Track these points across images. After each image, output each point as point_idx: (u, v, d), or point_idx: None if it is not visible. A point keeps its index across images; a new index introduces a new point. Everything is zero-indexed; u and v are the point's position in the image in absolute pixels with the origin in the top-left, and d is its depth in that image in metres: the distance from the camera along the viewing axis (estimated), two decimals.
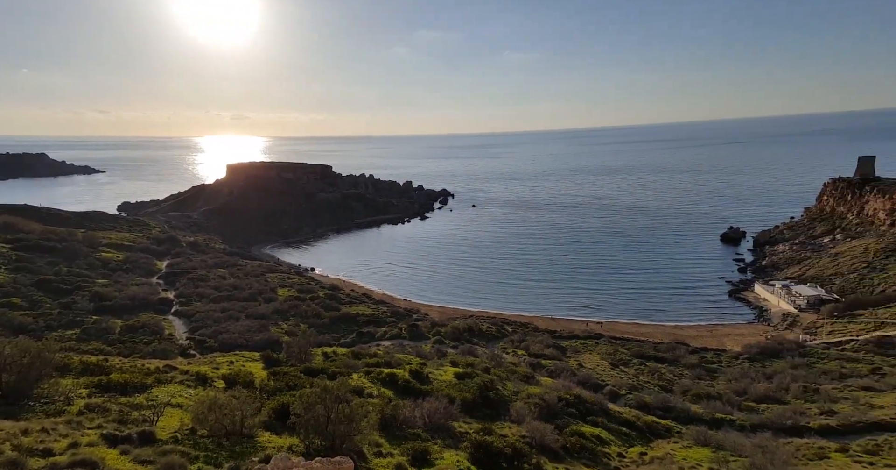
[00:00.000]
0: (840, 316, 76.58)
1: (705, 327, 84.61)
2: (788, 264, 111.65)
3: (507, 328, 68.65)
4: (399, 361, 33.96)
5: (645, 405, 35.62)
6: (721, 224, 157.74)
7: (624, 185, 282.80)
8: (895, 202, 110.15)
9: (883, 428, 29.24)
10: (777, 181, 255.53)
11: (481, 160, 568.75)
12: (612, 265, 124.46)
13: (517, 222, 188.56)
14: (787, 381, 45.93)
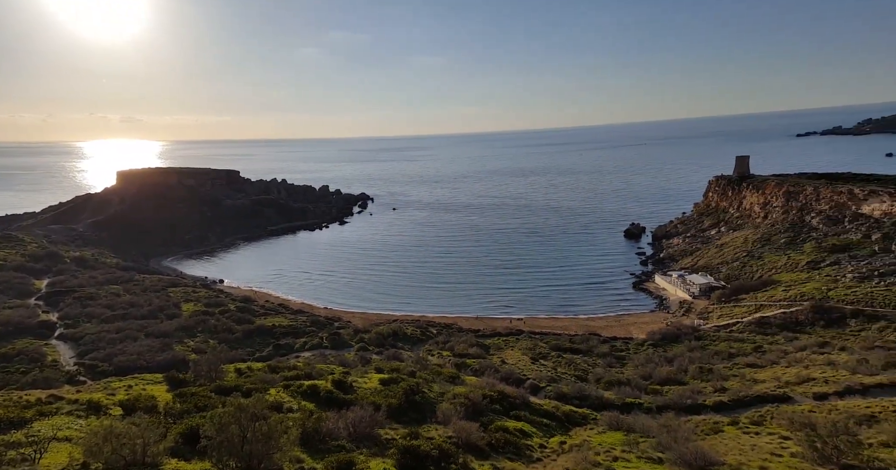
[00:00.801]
0: (727, 301, 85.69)
1: (614, 318, 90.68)
2: (682, 256, 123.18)
3: (432, 330, 68.73)
4: (321, 372, 32.48)
5: (563, 396, 37.10)
6: (624, 221, 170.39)
7: (537, 185, 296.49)
8: (766, 197, 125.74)
9: (765, 400, 32.75)
10: (669, 180, 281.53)
11: (400, 163, 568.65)
12: (529, 263, 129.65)
13: (438, 225, 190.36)
14: (685, 363, 50.30)
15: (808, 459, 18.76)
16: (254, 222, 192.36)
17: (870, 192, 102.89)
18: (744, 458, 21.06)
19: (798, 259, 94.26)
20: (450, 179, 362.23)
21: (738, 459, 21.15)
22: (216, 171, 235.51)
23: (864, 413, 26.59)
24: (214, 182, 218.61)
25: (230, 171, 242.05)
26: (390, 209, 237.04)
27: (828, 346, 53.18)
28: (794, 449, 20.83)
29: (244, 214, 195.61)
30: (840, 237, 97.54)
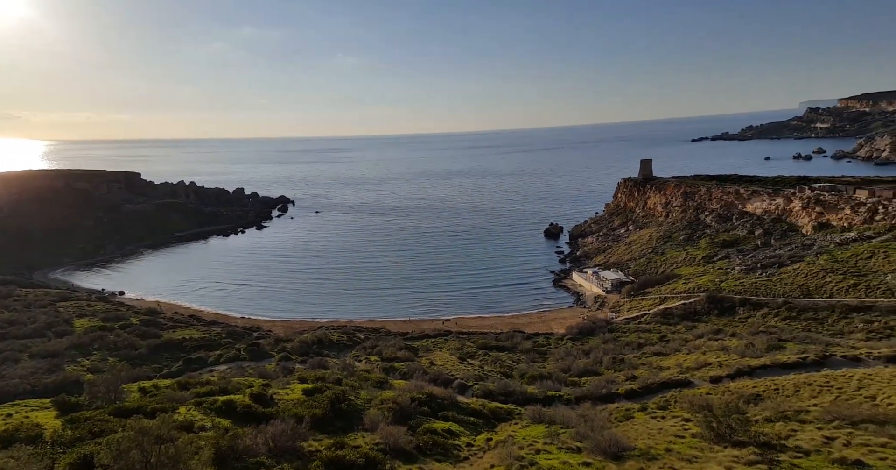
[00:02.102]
0: (635, 295, 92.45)
1: (536, 315, 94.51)
2: (596, 253, 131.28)
3: (359, 335, 67.31)
4: (238, 386, 30.42)
5: (490, 393, 37.84)
6: (544, 221, 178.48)
7: (462, 188, 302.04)
8: (667, 197, 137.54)
9: (669, 386, 35.51)
10: (584, 182, 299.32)
11: (322, 165, 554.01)
12: (456, 265, 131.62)
13: (363, 228, 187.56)
14: (600, 355, 53.41)
15: (706, 439, 20.47)
16: (159, 229, 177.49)
17: (752, 192, 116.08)
18: (652, 441, 22.59)
19: (695, 254, 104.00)
20: (375, 182, 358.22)
21: (647, 442, 22.67)
22: (113, 174, 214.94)
23: (751, 392, 29.64)
24: (111, 185, 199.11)
25: (130, 174, 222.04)
26: (313, 212, 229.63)
27: (721, 332, 59.03)
28: (695, 430, 22.68)
29: (147, 220, 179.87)
30: (729, 233, 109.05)
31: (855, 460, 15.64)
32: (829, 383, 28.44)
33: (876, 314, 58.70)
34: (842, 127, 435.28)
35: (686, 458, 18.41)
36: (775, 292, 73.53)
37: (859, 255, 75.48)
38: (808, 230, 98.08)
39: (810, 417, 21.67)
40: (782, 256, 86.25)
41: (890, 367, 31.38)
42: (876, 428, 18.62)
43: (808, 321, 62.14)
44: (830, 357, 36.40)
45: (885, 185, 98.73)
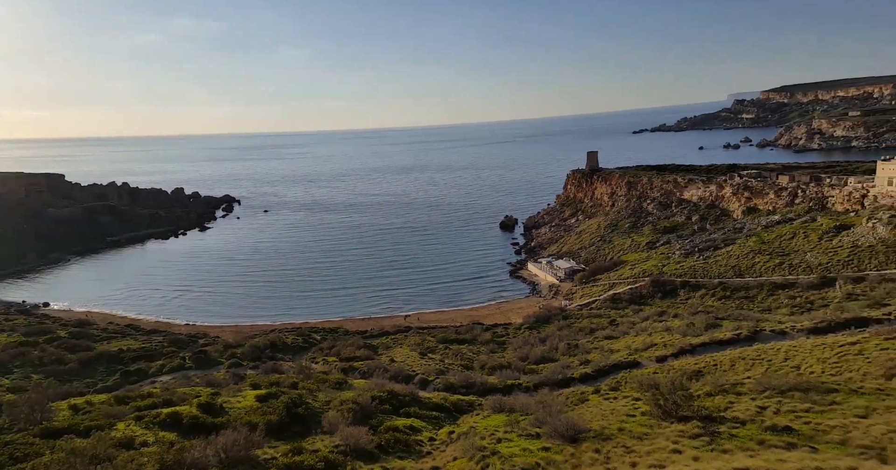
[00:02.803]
0: (587, 282, 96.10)
1: (495, 306, 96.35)
2: (550, 243, 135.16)
3: (316, 337, 66.12)
4: (183, 397, 29.21)
5: (451, 386, 38.39)
6: (500, 214, 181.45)
7: (418, 182, 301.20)
8: (613, 187, 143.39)
9: (620, 367, 37.40)
10: (536, 174, 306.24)
11: (270, 162, 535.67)
12: (415, 261, 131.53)
13: (316, 226, 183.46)
14: (556, 341, 55.32)
15: (654, 416, 21.85)
16: (88, 234, 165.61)
17: (689, 180, 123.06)
18: (605, 422, 23.83)
19: (639, 240, 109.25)
20: (327, 178, 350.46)
21: (601, 423, 23.89)
22: (32, 176, 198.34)
23: (693, 369, 31.77)
24: (31, 188, 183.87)
25: (52, 175, 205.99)
26: (261, 212, 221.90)
27: (665, 314, 62.61)
28: (644, 408, 24.11)
29: (75, 225, 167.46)
30: (669, 220, 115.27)
31: (784, 427, 17.25)
32: (760, 357, 30.92)
33: (798, 290, 64.16)
34: (765, 117, 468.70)
35: (637, 436, 19.59)
36: (711, 274, 78.70)
37: (783, 236, 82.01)
38: (739, 215, 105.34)
39: (745, 389, 23.57)
40: (717, 239, 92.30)
41: (811, 338, 34.51)
42: (801, 395, 20.57)
43: (741, 299, 67.03)
44: (761, 332, 39.54)
45: (802, 171, 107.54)
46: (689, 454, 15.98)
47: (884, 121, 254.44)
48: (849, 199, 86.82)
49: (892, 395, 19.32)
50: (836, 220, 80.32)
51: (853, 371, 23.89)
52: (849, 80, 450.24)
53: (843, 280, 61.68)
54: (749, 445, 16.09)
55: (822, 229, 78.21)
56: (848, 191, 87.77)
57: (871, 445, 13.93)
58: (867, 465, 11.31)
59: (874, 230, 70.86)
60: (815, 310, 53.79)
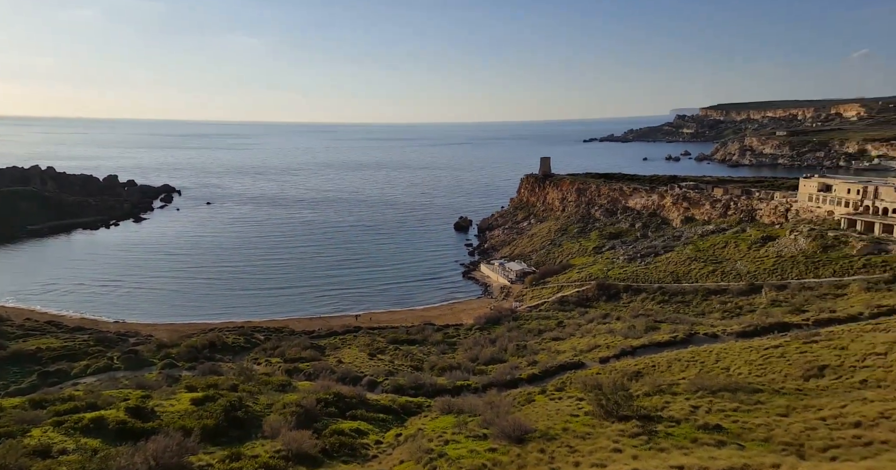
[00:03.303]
0: (537, 284, 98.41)
1: (447, 306, 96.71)
2: (502, 245, 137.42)
3: (259, 336, 63.70)
4: (110, 400, 27.28)
5: (400, 388, 38.05)
6: (454, 215, 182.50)
7: (374, 180, 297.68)
8: (563, 192, 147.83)
9: (565, 368, 38.45)
10: (491, 177, 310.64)
11: (215, 152, 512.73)
12: (367, 259, 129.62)
13: (263, 221, 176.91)
14: (505, 342, 56.21)
15: (597, 416, 22.58)
16: (3, 222, 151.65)
17: (633, 189, 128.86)
18: (550, 422, 24.38)
19: (587, 245, 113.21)
20: (277, 171, 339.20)
21: (547, 423, 24.43)
22: None
23: (633, 370, 33.14)
24: None
25: None
26: (203, 203, 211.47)
27: (608, 317, 65.13)
28: (587, 408, 24.87)
29: None
30: (615, 226, 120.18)
31: (715, 425, 18.31)
32: (694, 358, 32.73)
33: (729, 296, 68.62)
34: (703, 133, 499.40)
35: (580, 435, 20.16)
36: (652, 279, 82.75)
37: (716, 244, 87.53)
38: (678, 223, 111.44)
39: (680, 390, 24.84)
40: (657, 246, 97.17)
41: (740, 341, 36.96)
42: (730, 395, 21.93)
43: (678, 304, 70.87)
44: (695, 335, 41.91)
45: (735, 185, 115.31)
46: (629, 453, 16.61)
47: (805, 141, 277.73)
48: (774, 212, 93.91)
49: (809, 395, 21.00)
50: (763, 231, 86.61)
51: (776, 372, 25.75)
52: (777, 102, 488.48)
53: (768, 287, 66.56)
54: (683, 443, 16.93)
55: (750, 240, 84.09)
56: (774, 204, 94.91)
57: (791, 442, 15.06)
58: (788, 460, 12.20)
59: (796, 242, 77.03)
60: (744, 315, 57.73)
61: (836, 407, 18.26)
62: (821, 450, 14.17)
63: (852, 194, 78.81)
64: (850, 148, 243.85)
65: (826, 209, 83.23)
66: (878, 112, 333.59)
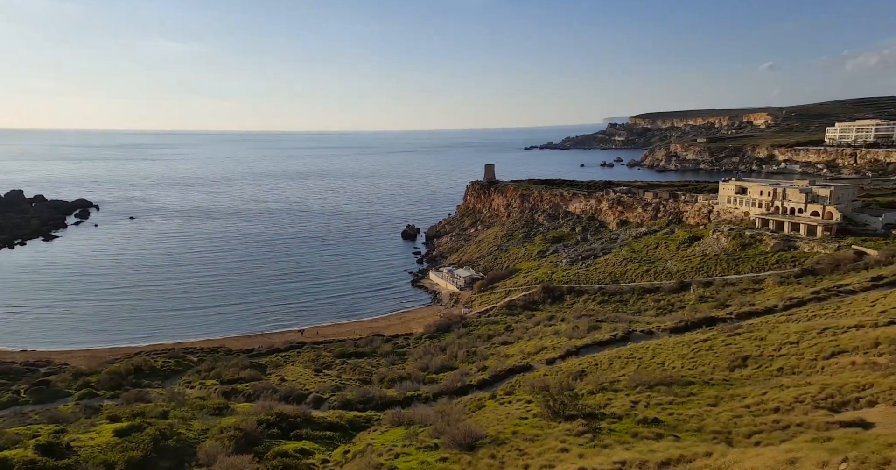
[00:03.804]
0: (485, 289, 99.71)
1: (396, 316, 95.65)
2: (451, 252, 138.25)
3: (192, 358, 59.93)
4: (16, 438, 24.65)
5: (348, 403, 37.09)
6: (401, 223, 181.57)
7: (316, 189, 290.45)
8: (508, 199, 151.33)
9: (514, 371, 39.08)
10: (438, 184, 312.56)
11: (138, 163, 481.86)
12: (311, 272, 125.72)
13: (195, 235, 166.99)
14: (455, 349, 56.37)
15: (544, 417, 23.05)
16: None
17: (573, 194, 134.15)
18: (501, 426, 24.64)
19: (532, 249, 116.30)
20: (209, 182, 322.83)
21: (497, 428, 24.66)
22: None
23: (577, 370, 34.26)
24: None
25: None
26: (125, 218, 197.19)
27: (554, 319, 67.09)
28: (536, 410, 25.37)
29: None
30: (557, 230, 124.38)
31: (653, 419, 19.22)
32: (633, 355, 34.34)
33: (662, 294, 72.80)
34: (633, 140, 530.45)
35: (529, 437, 20.49)
36: (592, 280, 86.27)
37: (649, 245, 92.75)
38: (614, 226, 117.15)
39: (621, 386, 25.92)
40: (596, 249, 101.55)
41: (673, 336, 39.22)
42: (666, 389, 23.15)
43: (617, 303, 74.27)
44: (633, 332, 44.03)
45: (663, 188, 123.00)
46: (576, 452, 17.06)
47: (723, 147, 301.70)
48: (699, 213, 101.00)
49: (734, 384, 22.58)
50: (689, 232, 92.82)
51: (705, 365, 27.52)
52: (697, 111, 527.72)
53: (696, 284, 71.30)
54: (625, 438, 17.63)
55: (679, 240, 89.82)
56: (698, 207, 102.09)
57: (720, 430, 16.10)
58: (718, 448, 13.02)
59: (718, 241, 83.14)
60: (676, 311, 61.39)
61: (757, 395, 19.75)
62: (746, 436, 15.24)
63: (764, 196, 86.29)
64: (761, 153, 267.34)
65: (743, 210, 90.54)
66: (782, 120, 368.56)
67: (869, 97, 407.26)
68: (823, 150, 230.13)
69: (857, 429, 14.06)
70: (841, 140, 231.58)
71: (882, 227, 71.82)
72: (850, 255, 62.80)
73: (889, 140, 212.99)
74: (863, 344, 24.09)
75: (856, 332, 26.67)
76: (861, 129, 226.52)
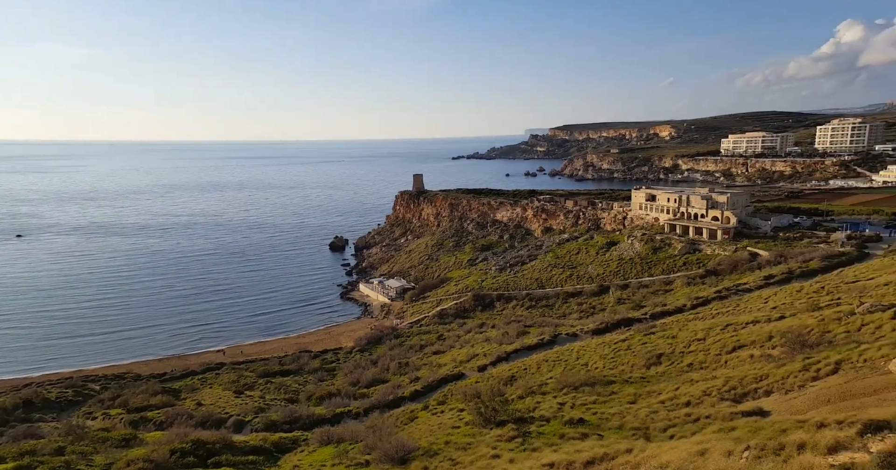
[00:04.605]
0: (417, 300, 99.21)
1: (325, 330, 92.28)
2: (381, 263, 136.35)
3: (93, 387, 53.88)
4: None
5: (273, 424, 35.04)
6: (329, 235, 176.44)
7: (235, 202, 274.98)
8: (437, 208, 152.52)
9: (447, 380, 38.98)
10: (366, 195, 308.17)
11: (26, 176, 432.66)
12: (231, 289, 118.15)
13: (96, 253, 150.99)
14: (387, 361, 55.34)
15: (476, 424, 23.11)
16: None
17: (500, 203, 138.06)
18: (433, 437, 24.34)
19: (462, 258, 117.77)
20: (112, 196, 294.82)
21: (430, 439, 24.33)
22: None
23: (508, 375, 34.85)
24: None
25: None
26: (12, 237, 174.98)
27: (485, 325, 68.11)
28: (468, 418, 25.38)
29: None
30: (486, 238, 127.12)
31: (579, 419, 19.88)
32: (559, 358, 35.57)
33: (584, 297, 76.55)
34: (553, 151, 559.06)
35: (462, 446, 20.38)
36: (520, 286, 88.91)
37: (571, 251, 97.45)
38: (539, 233, 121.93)
39: (549, 389, 26.68)
40: (523, 255, 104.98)
41: (595, 338, 41.20)
42: (589, 389, 24.12)
43: (543, 308, 76.97)
44: (559, 336, 45.74)
45: (582, 197, 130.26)
46: (507, 457, 17.18)
47: (633, 157, 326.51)
48: (615, 220, 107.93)
49: (651, 381, 24.03)
50: (607, 237, 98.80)
51: (625, 364, 29.10)
52: (609, 123, 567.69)
53: (614, 287, 75.79)
54: (553, 440, 18.05)
55: (598, 245, 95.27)
56: (614, 214, 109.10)
57: (639, 427, 16.97)
58: (638, 444, 13.66)
59: (632, 246, 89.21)
60: (597, 313, 64.76)
61: (671, 390, 21.14)
62: (662, 430, 16.20)
63: (671, 203, 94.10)
64: (667, 163, 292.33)
65: (653, 216, 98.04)
66: (683, 132, 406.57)
67: (755, 111, 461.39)
68: (720, 159, 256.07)
69: (756, 417, 15.43)
70: (734, 151, 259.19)
71: (771, 230, 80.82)
72: (746, 256, 69.93)
73: (773, 151, 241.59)
74: (759, 338, 26.72)
75: (753, 327, 29.56)
76: (750, 141, 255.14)
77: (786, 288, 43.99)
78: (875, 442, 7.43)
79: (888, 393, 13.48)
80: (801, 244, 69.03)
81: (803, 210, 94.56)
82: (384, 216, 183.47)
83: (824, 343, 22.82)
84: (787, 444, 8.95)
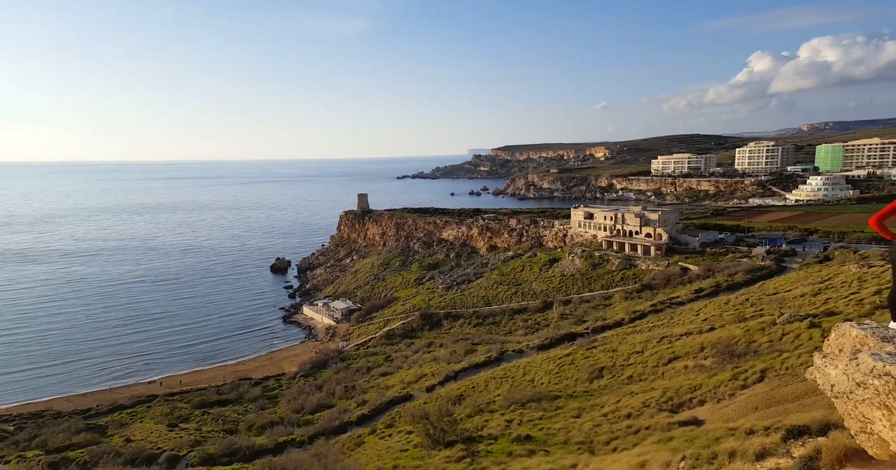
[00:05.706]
0: (363, 321, 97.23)
1: (266, 356, 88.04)
2: (326, 284, 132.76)
3: (6, 427, 48.29)
4: None
5: (209, 457, 33.06)
6: (270, 256, 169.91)
7: (167, 224, 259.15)
8: (383, 227, 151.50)
9: (395, 403, 38.34)
10: (309, 215, 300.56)
11: None
12: (162, 315, 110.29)
13: (5, 284, 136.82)
14: (333, 386, 53.61)
15: (425, 446, 22.88)
16: None
17: (446, 221, 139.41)
18: (381, 462, 23.81)
19: (409, 277, 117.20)
20: (29, 221, 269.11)
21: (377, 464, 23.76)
22: None
23: (456, 394, 34.84)
24: None
25: None
26: None
27: (433, 345, 67.80)
28: (416, 440, 25.07)
29: None
30: (433, 257, 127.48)
31: (526, 436, 20.23)
32: (506, 375, 36.08)
33: (529, 313, 78.38)
34: (496, 170, 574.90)
35: None
36: (467, 304, 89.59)
37: (516, 269, 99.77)
38: (484, 251, 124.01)
39: (496, 406, 26.98)
40: (470, 274, 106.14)
41: (540, 353, 42.20)
42: (536, 405, 24.64)
43: (490, 325, 77.92)
44: (506, 352, 46.43)
45: (525, 215, 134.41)
46: None
47: (571, 177, 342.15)
48: (556, 237, 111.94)
49: (594, 395, 24.93)
50: (549, 254, 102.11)
51: (569, 378, 29.99)
52: (548, 144, 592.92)
53: (557, 303, 78.17)
54: (501, 458, 18.24)
55: (541, 262, 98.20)
56: (555, 231, 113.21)
57: (584, 440, 17.54)
58: (582, 458, 14.13)
59: (573, 262, 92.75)
60: (542, 329, 66.38)
61: (613, 403, 22.04)
62: (605, 443, 16.84)
63: (607, 220, 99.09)
64: (602, 182, 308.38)
65: (591, 233, 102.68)
66: (617, 153, 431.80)
67: (681, 134, 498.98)
68: (651, 179, 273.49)
69: (692, 427, 16.42)
70: (663, 171, 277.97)
71: (699, 246, 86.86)
72: (678, 270, 74.58)
73: (699, 171, 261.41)
74: (692, 349, 28.51)
75: (686, 338, 31.51)
76: (678, 162, 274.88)
77: (714, 300, 47.30)
78: (797, 447, 8.11)
79: (807, 398, 14.82)
80: (726, 259, 74.46)
81: (727, 227, 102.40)
82: (328, 237, 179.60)
83: (751, 353, 24.71)
84: (719, 452, 9.62)
